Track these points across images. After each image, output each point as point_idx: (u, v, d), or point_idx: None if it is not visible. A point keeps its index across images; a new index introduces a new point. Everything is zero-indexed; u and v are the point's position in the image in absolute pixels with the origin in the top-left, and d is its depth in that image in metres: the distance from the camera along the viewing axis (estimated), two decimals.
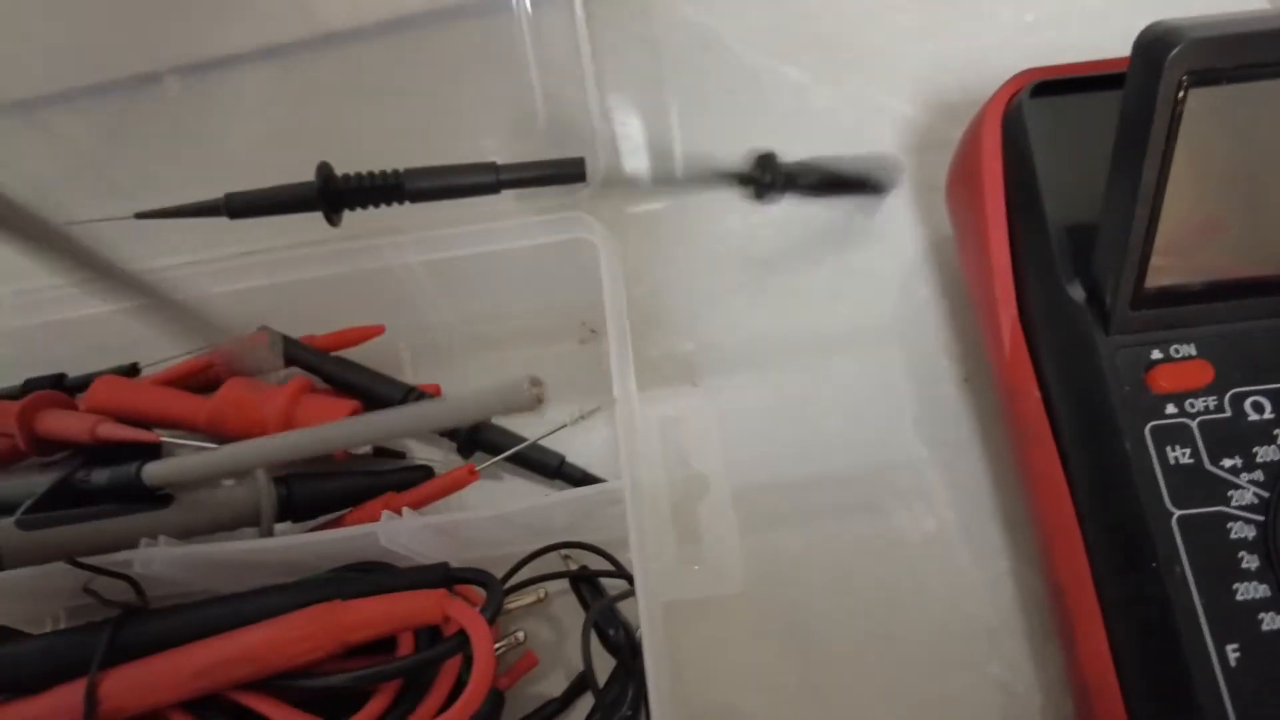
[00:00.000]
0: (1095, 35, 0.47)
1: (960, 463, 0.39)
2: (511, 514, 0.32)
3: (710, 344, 0.42)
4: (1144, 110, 0.28)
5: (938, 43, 0.49)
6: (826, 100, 0.48)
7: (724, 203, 0.45)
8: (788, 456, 0.39)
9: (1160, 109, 0.27)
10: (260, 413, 0.37)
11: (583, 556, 0.37)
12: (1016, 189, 0.35)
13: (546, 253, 0.39)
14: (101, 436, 0.35)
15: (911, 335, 0.42)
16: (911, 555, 0.37)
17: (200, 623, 0.32)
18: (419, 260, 0.39)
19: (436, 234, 0.38)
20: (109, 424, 0.35)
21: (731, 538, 0.37)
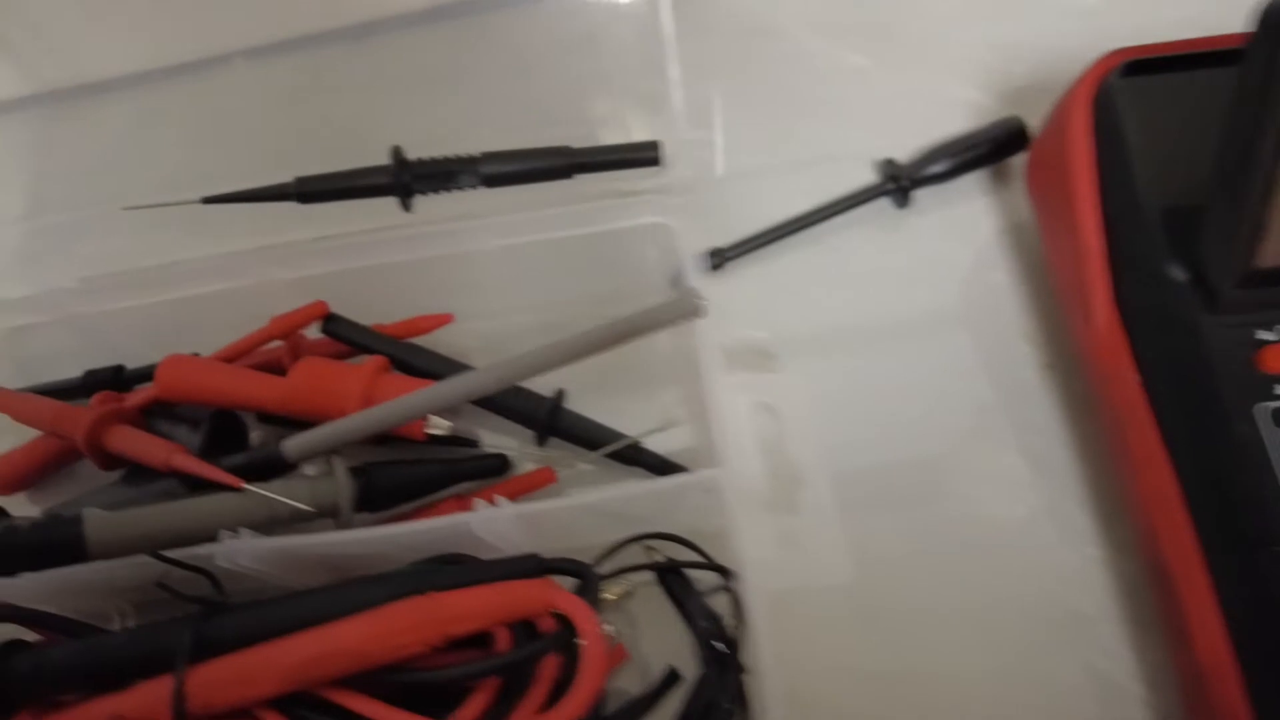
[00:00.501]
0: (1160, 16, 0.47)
1: (1046, 449, 0.38)
2: (604, 502, 0.32)
3: (785, 333, 0.41)
4: (1264, 81, 0.27)
5: (1000, 26, 0.48)
6: (890, 87, 0.47)
7: (791, 188, 0.44)
8: (872, 444, 0.39)
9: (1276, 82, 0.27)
10: (340, 391, 0.36)
11: (665, 547, 0.36)
12: (1109, 171, 0.35)
13: (621, 237, 0.39)
14: (176, 467, 0.34)
15: (989, 321, 0.41)
16: (1004, 542, 0.37)
17: (289, 617, 0.31)
18: (496, 245, 0.38)
19: (514, 218, 0.38)
20: (184, 455, 0.34)
21: (827, 527, 0.37)
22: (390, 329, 0.40)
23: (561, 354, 0.33)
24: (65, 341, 0.42)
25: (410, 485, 0.37)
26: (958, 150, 0.42)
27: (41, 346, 0.43)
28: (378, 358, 0.38)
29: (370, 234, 0.38)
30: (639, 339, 0.32)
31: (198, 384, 0.38)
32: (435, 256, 0.38)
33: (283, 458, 0.35)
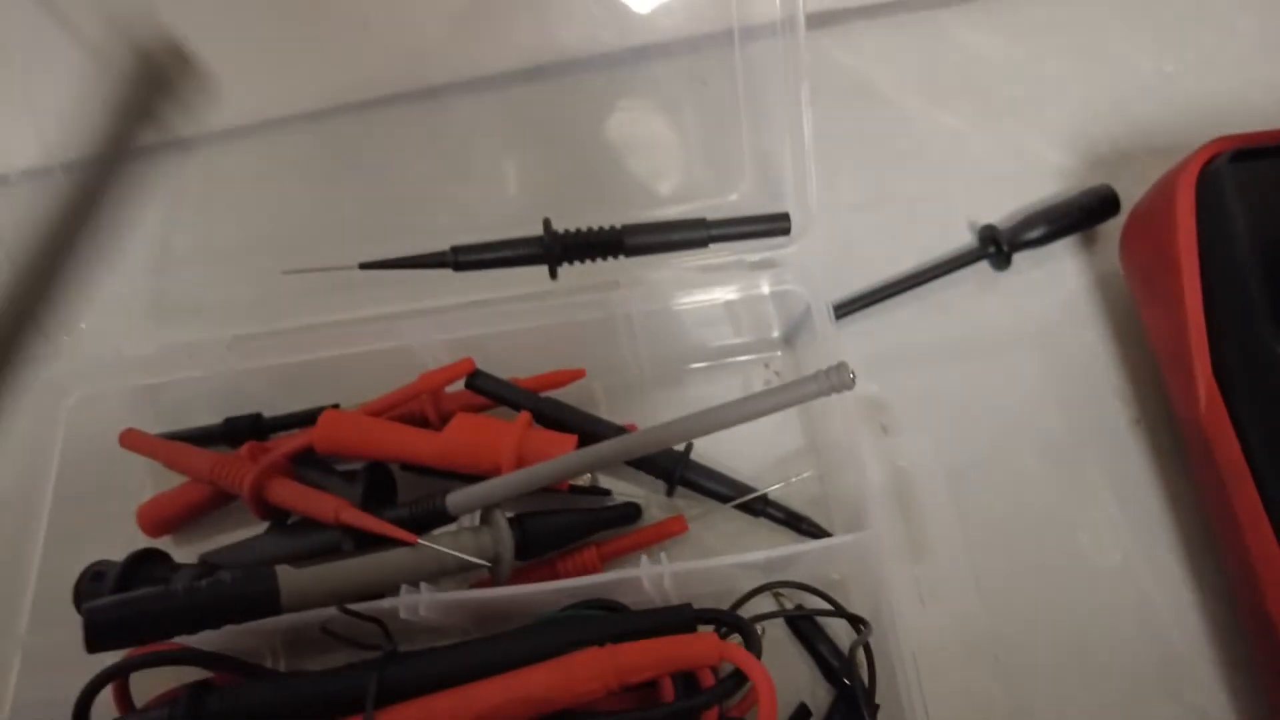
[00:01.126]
0: (1232, 84, 0.50)
1: (1139, 499, 0.41)
2: (764, 561, 0.34)
3: (896, 386, 0.44)
4: None
5: (1083, 92, 0.51)
6: (982, 147, 0.50)
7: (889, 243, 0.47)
8: (979, 493, 0.42)
9: None
10: (494, 445, 0.39)
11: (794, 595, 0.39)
12: (1213, 250, 0.38)
13: (748, 303, 0.42)
14: (345, 521, 0.37)
15: (1082, 378, 0.44)
16: (1103, 586, 0.40)
17: (472, 664, 0.34)
18: (637, 310, 0.40)
19: (653, 287, 0.40)
20: (352, 510, 0.37)
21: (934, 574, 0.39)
22: (527, 383, 0.43)
23: (712, 422, 0.35)
24: (205, 389, 0.44)
25: (559, 534, 0.40)
26: (1054, 217, 0.45)
27: (181, 394, 0.45)
28: (525, 414, 0.40)
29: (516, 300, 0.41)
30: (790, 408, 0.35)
31: (355, 440, 0.40)
32: (574, 321, 0.41)
33: (446, 511, 0.37)
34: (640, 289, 0.40)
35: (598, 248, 0.40)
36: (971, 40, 0.54)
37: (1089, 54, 0.53)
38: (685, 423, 0.36)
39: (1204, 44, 0.52)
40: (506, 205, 0.46)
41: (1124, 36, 0.53)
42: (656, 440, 0.36)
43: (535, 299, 0.41)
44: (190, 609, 0.34)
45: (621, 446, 0.37)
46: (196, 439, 0.45)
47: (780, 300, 0.42)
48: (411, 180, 0.49)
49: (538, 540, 0.39)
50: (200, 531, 0.44)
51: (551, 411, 0.42)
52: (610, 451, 0.37)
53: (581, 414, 0.42)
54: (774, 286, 0.41)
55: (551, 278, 0.41)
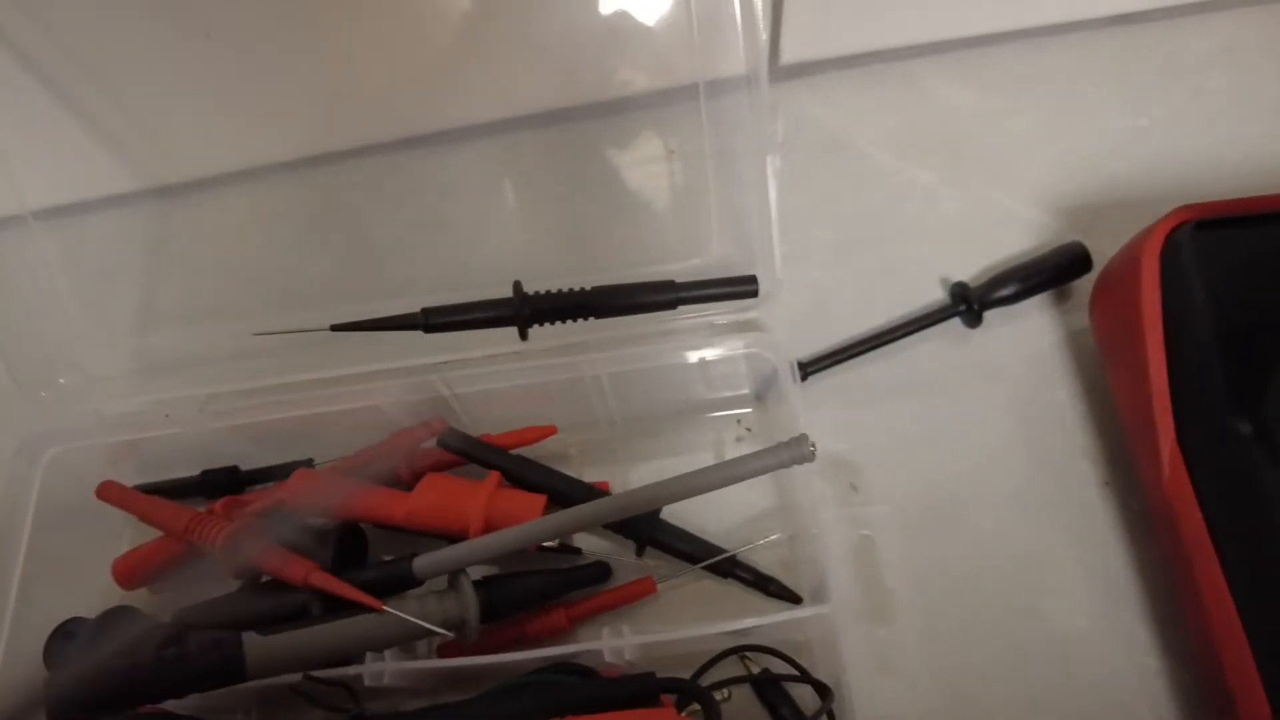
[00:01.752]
0: (1206, 140, 0.50)
1: (1106, 562, 0.42)
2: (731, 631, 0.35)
3: (864, 444, 0.44)
4: None
5: (1055, 147, 0.52)
6: (955, 203, 0.50)
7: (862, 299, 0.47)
8: (945, 556, 0.42)
9: None
10: (462, 508, 0.39)
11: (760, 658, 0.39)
12: (1177, 320, 0.38)
13: (717, 363, 0.42)
14: (315, 585, 0.37)
15: (1052, 438, 0.44)
16: (1066, 650, 0.40)
17: None
18: (605, 372, 0.41)
19: (623, 351, 0.41)
20: (321, 574, 0.37)
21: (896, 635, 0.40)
22: (499, 439, 0.43)
23: (677, 491, 0.36)
24: (182, 443, 0.45)
25: (527, 596, 0.40)
26: (1025, 275, 0.45)
27: (159, 448, 0.45)
28: (494, 474, 0.41)
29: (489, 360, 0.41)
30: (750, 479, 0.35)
31: (326, 499, 0.40)
32: (546, 381, 0.41)
33: (413, 575, 0.38)
34: (609, 352, 0.41)
35: (568, 310, 0.40)
36: (945, 93, 0.54)
37: (1061, 109, 0.53)
38: (652, 490, 0.36)
39: (1174, 101, 0.53)
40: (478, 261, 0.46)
41: (1096, 93, 0.53)
42: (624, 507, 0.37)
43: (506, 360, 0.41)
44: (156, 680, 0.34)
45: (590, 513, 0.37)
46: (174, 491, 0.45)
47: (751, 359, 0.42)
48: (387, 232, 0.50)
49: (505, 603, 0.39)
50: (174, 584, 0.44)
51: (521, 470, 0.42)
52: (579, 518, 0.37)
53: (552, 473, 0.42)
54: (741, 349, 0.41)
55: (521, 339, 0.41)
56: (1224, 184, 0.49)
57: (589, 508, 0.37)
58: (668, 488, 0.36)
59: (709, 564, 0.41)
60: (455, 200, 0.50)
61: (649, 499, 0.36)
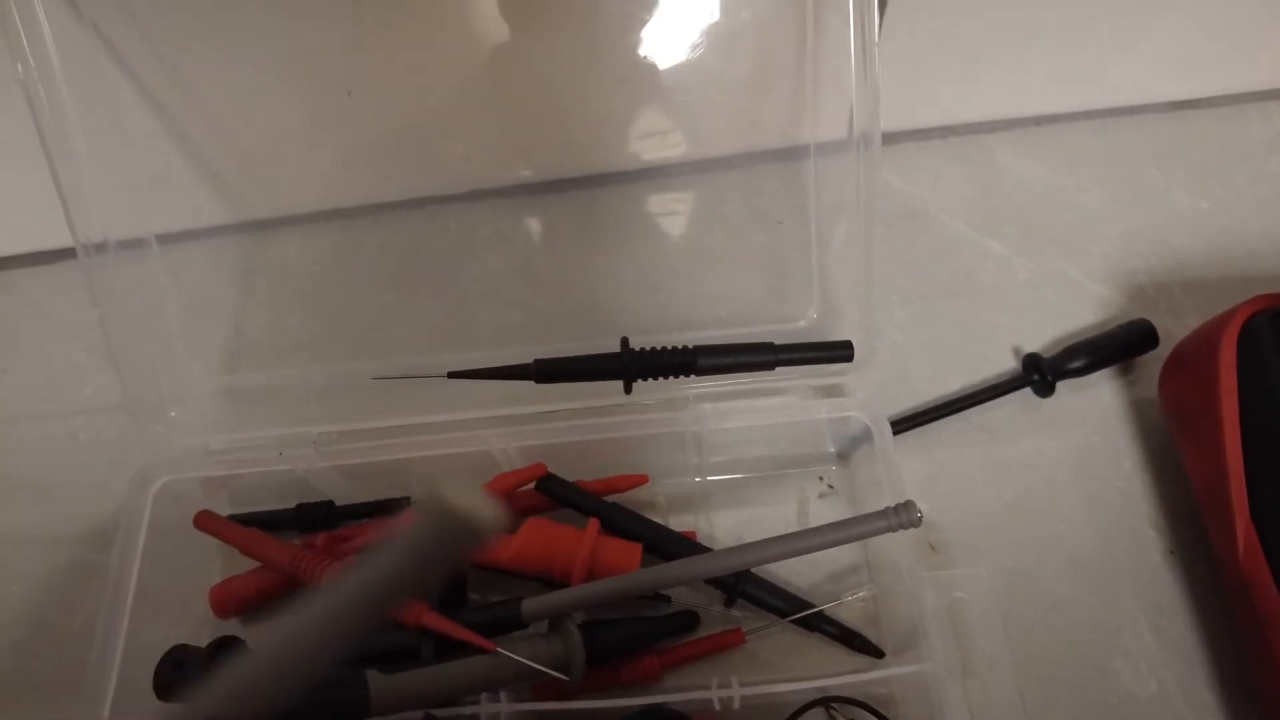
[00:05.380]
0: (1266, 223, 0.53)
1: (1175, 629, 0.43)
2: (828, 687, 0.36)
3: (944, 506, 0.46)
4: None
5: (1121, 225, 0.54)
6: (1025, 273, 0.53)
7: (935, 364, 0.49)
8: (1021, 616, 0.44)
9: None
10: (566, 553, 0.41)
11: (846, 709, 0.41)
12: (1254, 400, 0.40)
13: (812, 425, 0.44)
14: (427, 625, 0.38)
15: (1122, 508, 0.46)
16: (1139, 714, 0.42)
17: None
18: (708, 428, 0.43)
19: (725, 406, 0.43)
20: (433, 615, 0.39)
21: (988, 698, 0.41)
22: (592, 486, 0.45)
23: (785, 550, 0.37)
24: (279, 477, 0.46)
25: (623, 642, 0.41)
26: (1095, 349, 0.47)
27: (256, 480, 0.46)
28: (594, 522, 0.42)
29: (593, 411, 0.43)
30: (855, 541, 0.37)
31: None
32: (644, 435, 0.43)
33: (519, 618, 0.39)
34: (708, 406, 0.42)
35: (671, 367, 0.42)
36: (1016, 167, 0.56)
37: (1126, 188, 0.55)
38: (757, 548, 0.38)
39: (1235, 184, 0.55)
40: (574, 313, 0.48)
41: (1159, 174, 0.56)
42: (725, 565, 0.38)
43: (610, 412, 0.43)
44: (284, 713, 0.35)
45: (695, 568, 0.39)
46: (268, 523, 0.47)
47: (845, 423, 0.44)
48: (481, 279, 0.52)
49: (602, 647, 0.41)
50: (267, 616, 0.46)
51: (615, 517, 0.44)
52: (684, 571, 0.39)
53: (645, 520, 0.44)
54: (834, 413, 0.43)
55: (626, 393, 0.43)
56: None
57: (693, 561, 0.39)
58: (773, 546, 0.37)
59: (797, 618, 0.42)
60: (553, 250, 0.52)
61: (753, 557, 0.38)
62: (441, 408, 0.44)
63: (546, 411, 0.44)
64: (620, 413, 0.43)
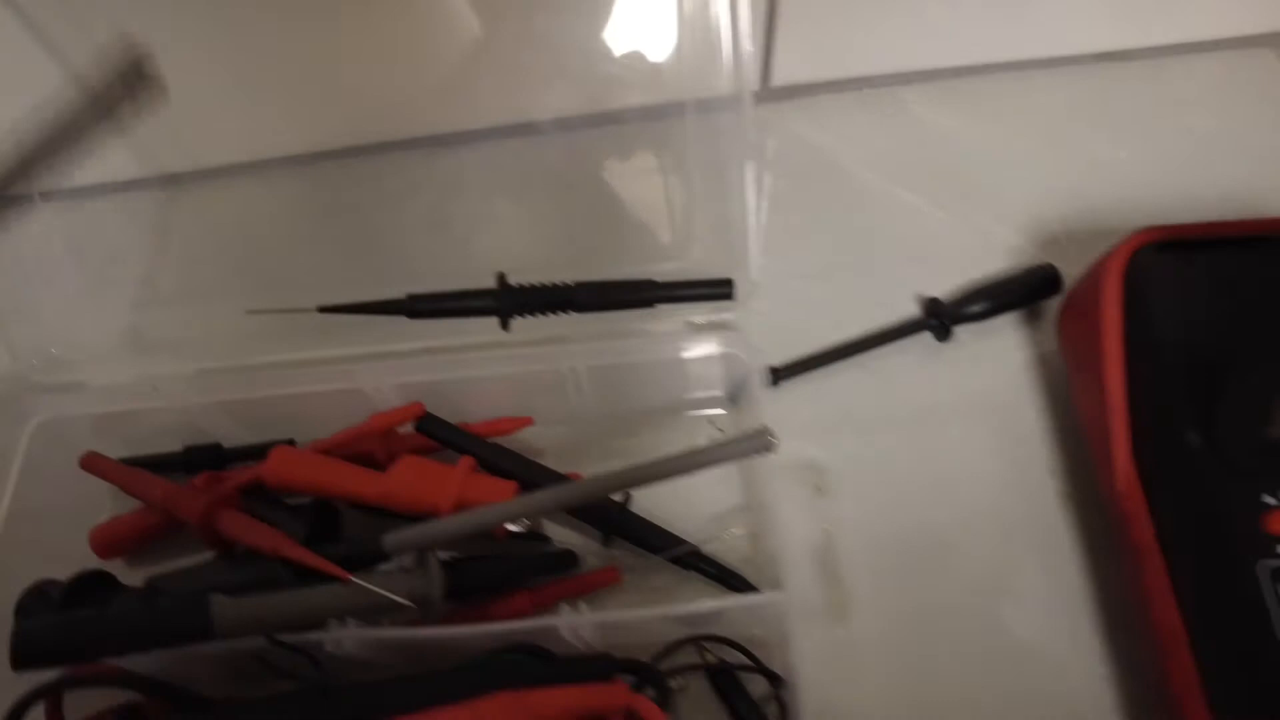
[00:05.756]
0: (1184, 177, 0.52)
1: (1063, 570, 0.42)
2: (683, 615, 0.36)
3: (834, 450, 0.45)
4: None
5: (1037, 176, 0.53)
6: (938, 224, 0.52)
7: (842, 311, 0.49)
8: (909, 557, 0.43)
9: None
10: (434, 489, 0.40)
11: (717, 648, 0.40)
12: (1136, 337, 0.39)
13: (690, 363, 0.43)
14: (286, 556, 0.38)
15: (1017, 452, 0.45)
16: (1021, 654, 0.41)
17: (394, 702, 0.35)
18: (582, 365, 0.42)
19: (601, 344, 0.42)
20: (293, 545, 0.38)
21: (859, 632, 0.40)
22: (475, 428, 0.44)
23: (639, 477, 0.37)
24: (169, 421, 0.46)
25: (492, 579, 0.41)
26: (996, 293, 0.47)
27: (147, 422, 0.46)
28: (468, 459, 0.42)
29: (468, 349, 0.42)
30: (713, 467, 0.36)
31: (304, 476, 0.41)
32: (525, 372, 0.42)
33: (382, 550, 0.39)
34: (588, 344, 0.42)
35: (549, 303, 0.42)
36: (932, 119, 0.56)
37: (1045, 140, 0.54)
38: (616, 476, 0.37)
39: (1156, 137, 0.54)
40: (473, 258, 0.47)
41: (1080, 125, 0.55)
42: (589, 492, 0.38)
43: (487, 349, 0.42)
44: (124, 631, 0.35)
45: (556, 496, 0.38)
46: (157, 465, 0.46)
47: (726, 361, 0.43)
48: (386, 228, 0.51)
49: (470, 584, 0.40)
50: (151, 556, 0.45)
51: (495, 458, 0.43)
52: (545, 501, 0.38)
53: (525, 461, 0.43)
54: (715, 350, 0.42)
55: (503, 329, 0.42)
56: (1197, 218, 0.50)
57: (554, 491, 0.38)
58: (631, 474, 0.37)
59: (672, 555, 0.41)
60: (454, 200, 0.52)
61: (612, 484, 0.37)
62: (321, 347, 0.44)
63: (421, 349, 0.43)
64: (499, 348, 0.42)
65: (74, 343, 0.46)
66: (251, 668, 0.37)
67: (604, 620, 0.36)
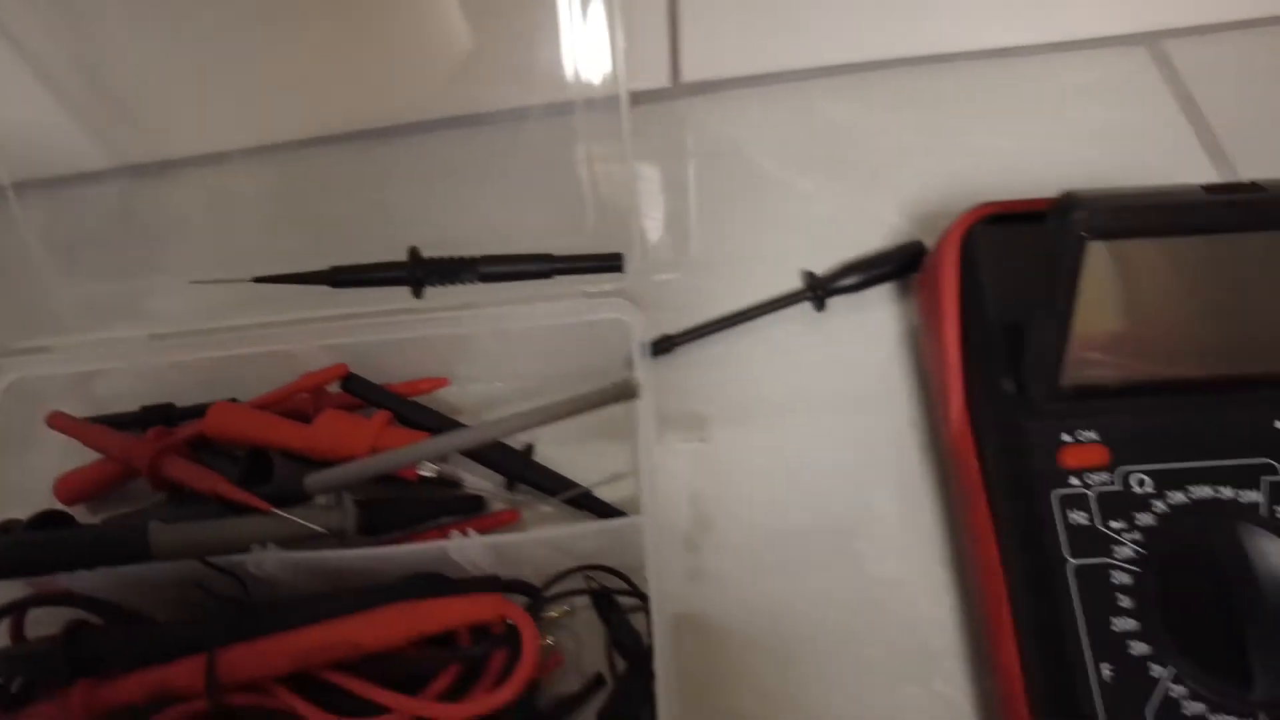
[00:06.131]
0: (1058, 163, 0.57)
1: (918, 515, 0.47)
2: (554, 538, 0.41)
3: (719, 407, 0.50)
4: (1057, 254, 0.37)
5: (923, 163, 0.58)
6: (828, 208, 0.57)
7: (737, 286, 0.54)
8: (778, 502, 0.48)
9: (1068, 254, 0.36)
10: (352, 439, 0.46)
11: (602, 578, 0.45)
12: (968, 299, 0.44)
13: (586, 328, 0.48)
14: (220, 494, 0.44)
15: (883, 408, 0.50)
16: (877, 588, 0.45)
17: (302, 615, 0.40)
18: (487, 329, 0.47)
19: (504, 309, 0.47)
20: (226, 484, 0.44)
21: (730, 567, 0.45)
22: (396, 388, 0.49)
23: (522, 422, 0.42)
24: (128, 381, 0.52)
25: (402, 517, 0.46)
26: (865, 267, 0.52)
27: (109, 384, 0.52)
28: (384, 413, 0.47)
29: (386, 314, 0.48)
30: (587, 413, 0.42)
31: (239, 427, 0.47)
32: (438, 335, 0.48)
33: (304, 490, 0.44)
34: (494, 309, 0.47)
35: (456, 273, 0.47)
36: (831, 111, 0.61)
37: (934, 129, 0.59)
38: (503, 422, 0.42)
39: (1038, 128, 0.59)
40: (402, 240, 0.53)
41: (968, 116, 0.60)
42: (478, 436, 0.43)
43: (399, 314, 0.48)
44: (74, 549, 0.40)
45: (451, 441, 0.43)
46: (116, 423, 0.52)
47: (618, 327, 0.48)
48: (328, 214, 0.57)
49: (382, 520, 0.45)
50: (109, 504, 0.51)
51: (410, 413, 0.48)
52: (441, 445, 0.43)
53: (438, 416, 0.49)
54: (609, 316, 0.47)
55: (416, 297, 0.47)
56: None
57: (448, 436, 0.43)
58: (518, 419, 0.42)
59: (566, 496, 0.47)
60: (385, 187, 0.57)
61: (501, 428, 0.42)
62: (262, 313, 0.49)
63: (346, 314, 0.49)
64: (409, 315, 0.48)
65: (43, 312, 0.52)
66: (193, 596, 0.42)
67: (487, 542, 0.41)
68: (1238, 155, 0.58)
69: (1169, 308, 0.39)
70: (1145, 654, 0.36)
